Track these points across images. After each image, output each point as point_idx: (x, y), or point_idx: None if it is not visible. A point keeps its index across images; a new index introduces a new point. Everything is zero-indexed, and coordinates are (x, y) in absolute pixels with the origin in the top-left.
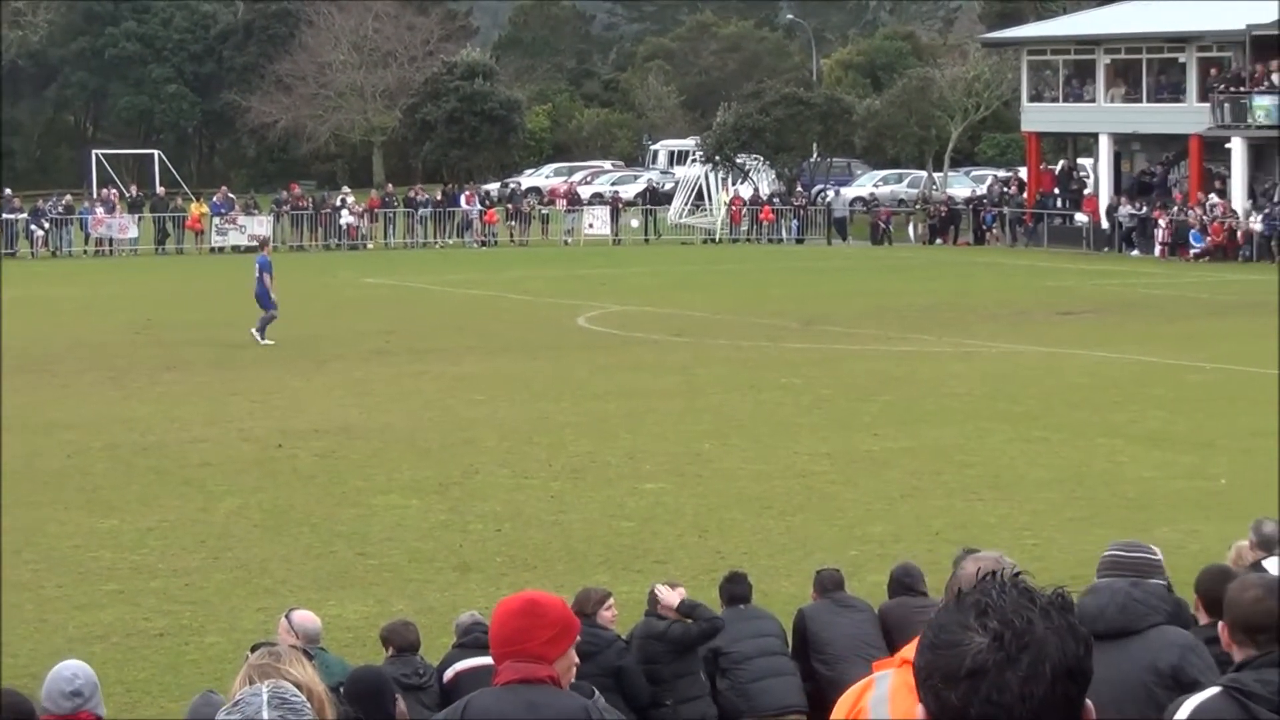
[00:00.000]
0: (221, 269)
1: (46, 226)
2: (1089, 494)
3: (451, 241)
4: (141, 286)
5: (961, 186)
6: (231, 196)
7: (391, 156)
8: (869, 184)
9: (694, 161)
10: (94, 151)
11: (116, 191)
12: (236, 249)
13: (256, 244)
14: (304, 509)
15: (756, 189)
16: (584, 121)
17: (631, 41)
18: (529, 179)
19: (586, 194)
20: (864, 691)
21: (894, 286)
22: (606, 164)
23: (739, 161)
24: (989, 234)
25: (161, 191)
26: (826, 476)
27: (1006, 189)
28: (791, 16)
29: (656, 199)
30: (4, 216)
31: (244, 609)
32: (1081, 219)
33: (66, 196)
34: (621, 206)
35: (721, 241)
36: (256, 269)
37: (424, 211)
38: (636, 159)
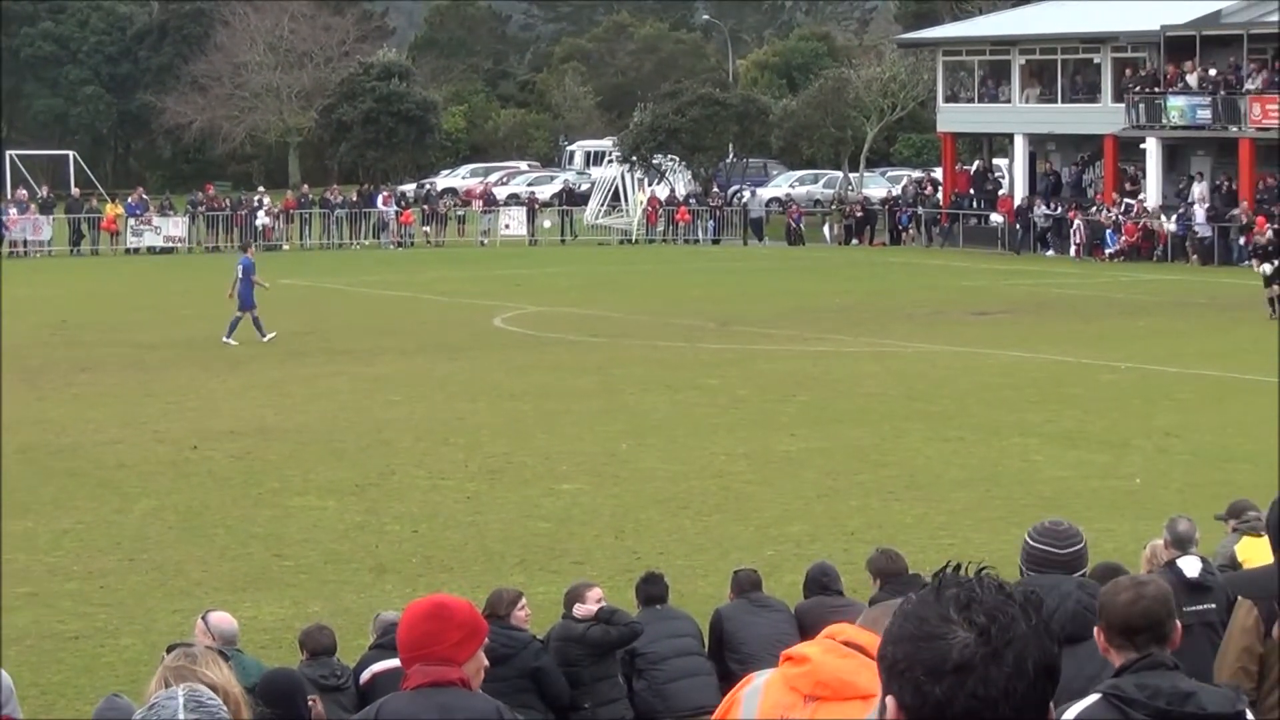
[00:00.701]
0: (137, 270)
1: None
2: (1004, 493)
3: (367, 242)
4: (56, 288)
5: (877, 187)
6: (147, 198)
7: (307, 157)
8: (785, 184)
9: (610, 162)
10: (8, 153)
11: (27, 193)
12: (152, 250)
13: (172, 245)
14: (220, 510)
15: (673, 189)
16: (500, 122)
17: (548, 42)
18: (445, 180)
19: (503, 195)
20: (741, 687)
21: (810, 287)
22: (523, 165)
23: (655, 162)
24: (904, 234)
25: (76, 193)
26: (743, 476)
27: (922, 189)
28: (707, 17)
29: (573, 200)
30: None
31: (160, 611)
32: (997, 219)
33: None
34: (538, 207)
35: (638, 242)
36: (239, 270)
37: (340, 212)
38: (553, 160)
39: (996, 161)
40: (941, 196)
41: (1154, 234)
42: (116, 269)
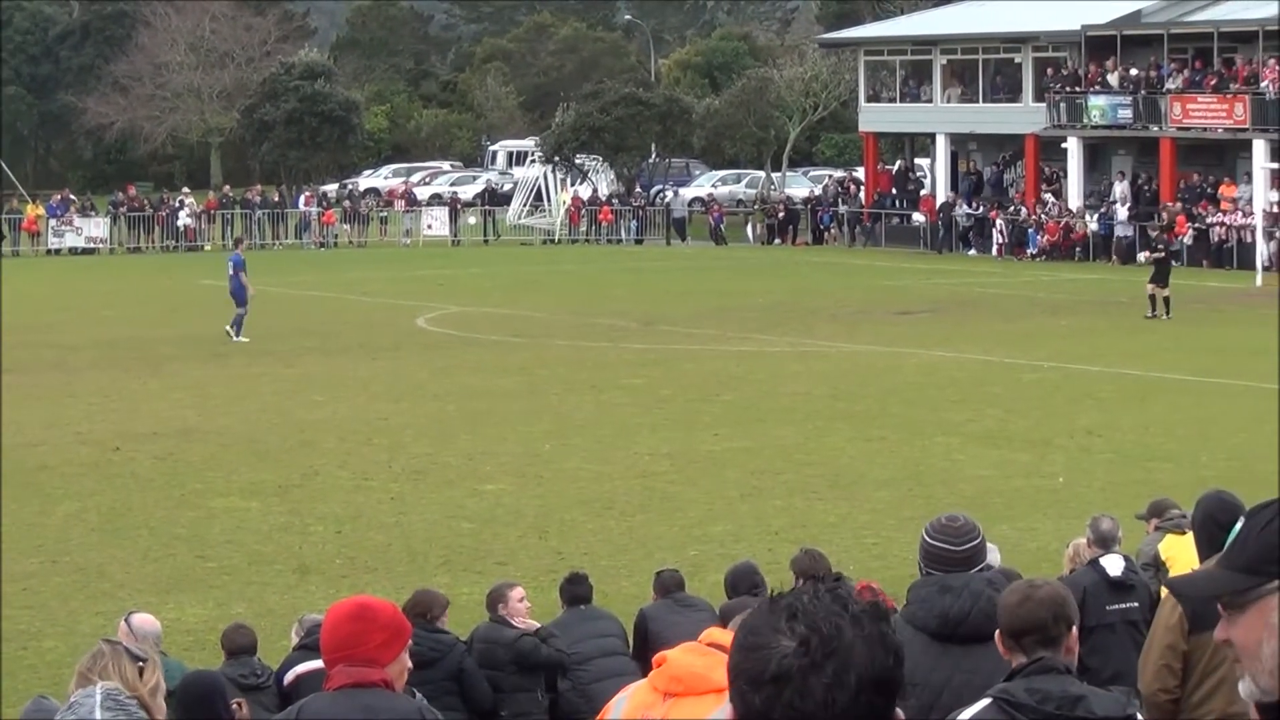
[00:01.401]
0: (58, 271)
1: None
2: (927, 492)
3: (289, 243)
4: None
5: (799, 187)
6: (73, 198)
7: (229, 158)
8: (708, 184)
9: (533, 162)
10: None
11: None
12: (73, 251)
13: (94, 246)
14: (143, 512)
15: (595, 189)
16: (422, 122)
17: (469, 42)
18: (367, 180)
19: (425, 195)
20: (621, 690)
21: (733, 287)
22: (445, 165)
23: (578, 162)
24: (827, 234)
25: None
26: (667, 477)
27: (844, 189)
28: (629, 17)
29: (495, 200)
30: None
31: (83, 613)
32: (919, 219)
33: None
34: (460, 207)
35: (561, 242)
36: (230, 267)
37: (261, 213)
38: (475, 160)
39: (918, 161)
40: (864, 196)
41: (1075, 233)
42: (37, 270)
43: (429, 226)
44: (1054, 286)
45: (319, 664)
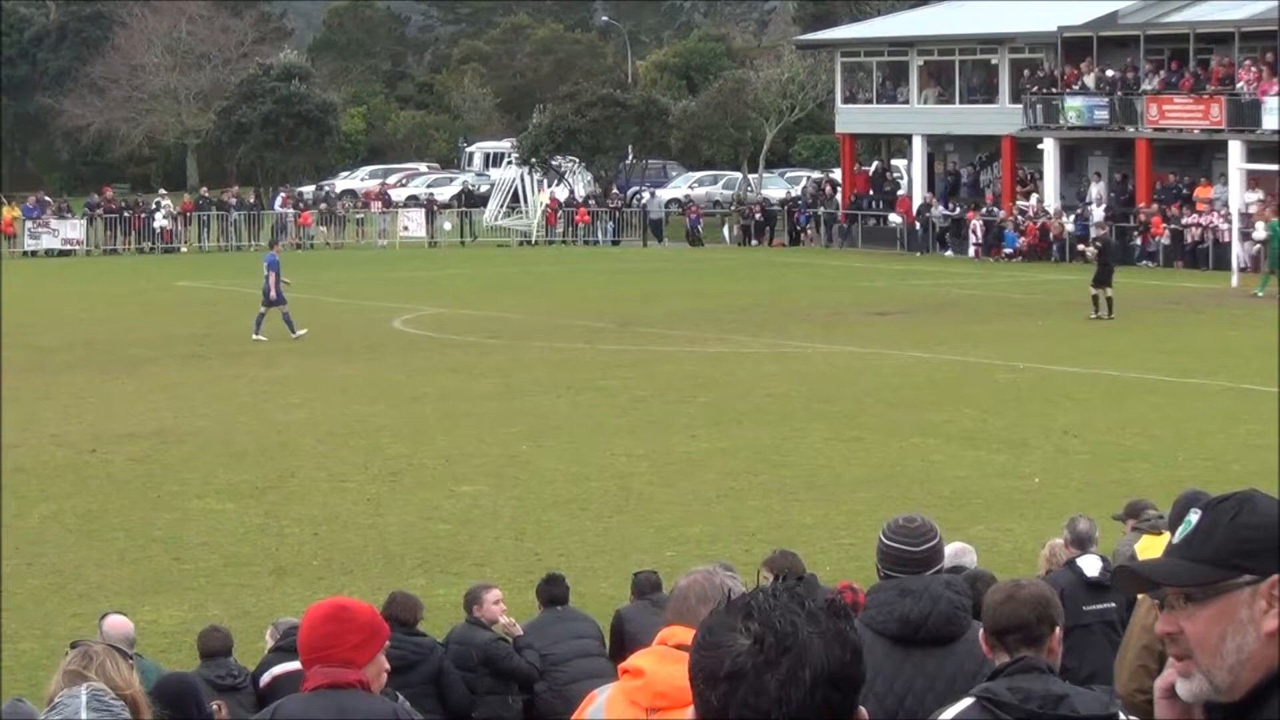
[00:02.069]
0: (35, 273)
1: None
2: (904, 493)
3: (266, 244)
4: None
5: (776, 188)
6: (49, 200)
7: (205, 159)
8: (684, 185)
9: (509, 163)
10: None
11: None
12: (50, 252)
13: (70, 248)
14: (119, 514)
15: (572, 191)
16: (399, 124)
17: (446, 44)
18: (344, 181)
19: (402, 196)
20: (585, 706)
21: (710, 288)
22: (422, 166)
23: (555, 163)
24: (804, 235)
25: None
26: (643, 478)
27: (821, 190)
28: (606, 18)
29: (472, 201)
30: None
31: (58, 615)
32: (895, 220)
33: None
34: (437, 209)
35: (537, 243)
36: (265, 267)
37: (237, 214)
38: (452, 161)
39: (895, 162)
40: (840, 197)
41: (1051, 234)
42: (14, 272)
43: (405, 228)
44: (1030, 287)
45: (296, 665)
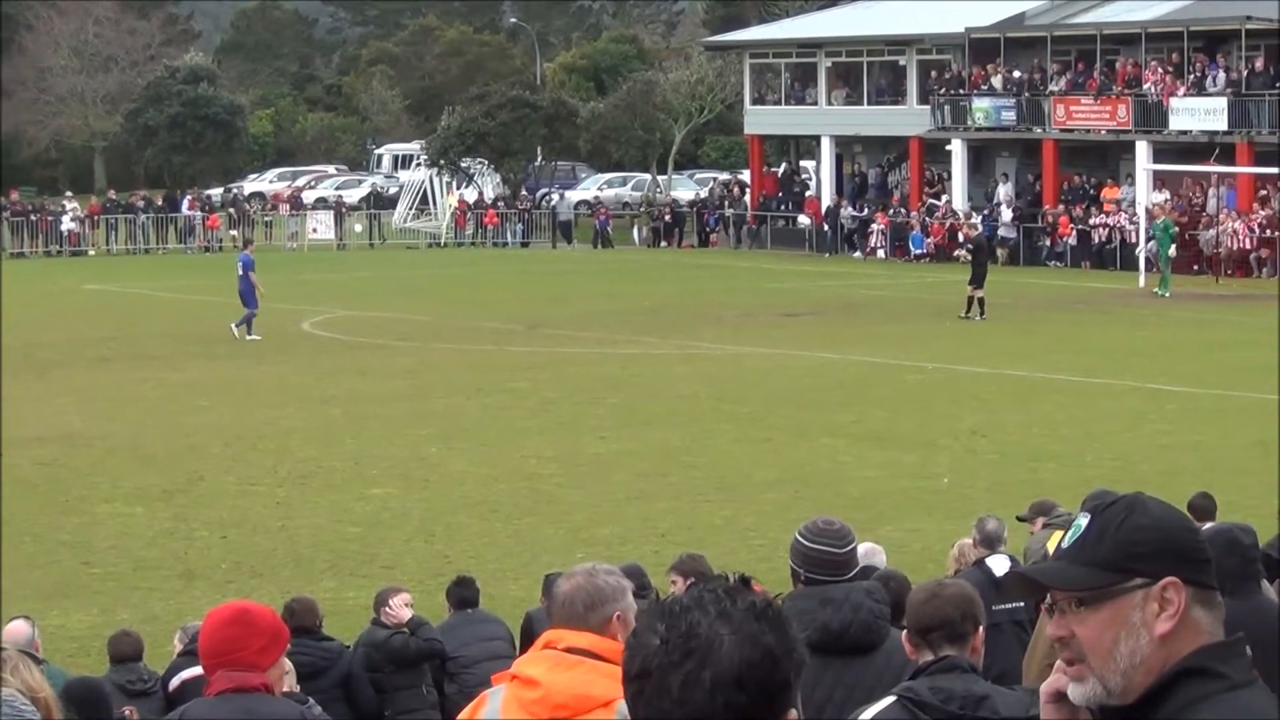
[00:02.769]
0: None
1: None
2: (813, 494)
3: (173, 247)
4: None
5: (685, 189)
6: None
7: (113, 162)
8: (593, 187)
9: (418, 165)
10: None
11: None
12: None
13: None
14: (26, 518)
15: (481, 193)
16: (307, 126)
17: (354, 45)
18: (252, 184)
19: (310, 199)
20: (480, 703)
21: (619, 289)
22: (330, 168)
23: (464, 165)
24: (713, 237)
25: None
26: (553, 479)
27: (730, 192)
28: (514, 20)
29: (381, 203)
30: None
31: None
32: (804, 221)
33: None
34: (346, 211)
35: (446, 246)
36: (240, 267)
37: (145, 217)
38: (361, 163)
39: (804, 163)
40: (749, 199)
41: (959, 235)
42: None
43: (314, 230)
44: (938, 288)
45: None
